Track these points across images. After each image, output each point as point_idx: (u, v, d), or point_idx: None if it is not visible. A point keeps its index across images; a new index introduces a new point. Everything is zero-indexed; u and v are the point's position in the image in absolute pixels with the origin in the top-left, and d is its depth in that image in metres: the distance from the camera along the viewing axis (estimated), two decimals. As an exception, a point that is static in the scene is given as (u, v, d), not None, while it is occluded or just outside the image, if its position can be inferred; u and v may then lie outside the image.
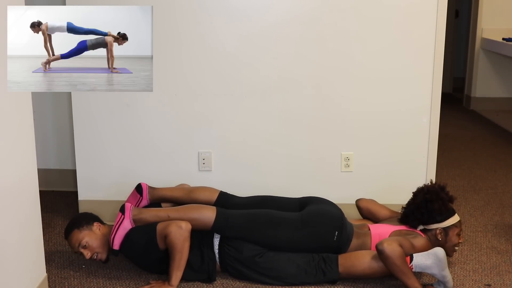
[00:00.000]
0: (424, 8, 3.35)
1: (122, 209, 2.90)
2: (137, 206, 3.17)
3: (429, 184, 3.06)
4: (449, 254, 2.98)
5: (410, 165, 3.53)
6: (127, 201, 3.22)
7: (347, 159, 3.54)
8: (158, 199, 3.22)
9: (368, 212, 3.24)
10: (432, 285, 2.87)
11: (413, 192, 3.06)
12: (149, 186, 3.23)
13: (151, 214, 2.91)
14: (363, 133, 3.51)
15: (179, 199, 3.19)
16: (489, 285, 2.91)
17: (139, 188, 3.21)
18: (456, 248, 3.01)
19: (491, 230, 3.54)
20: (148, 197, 3.20)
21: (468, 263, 3.13)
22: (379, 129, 3.51)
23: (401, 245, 2.75)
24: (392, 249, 2.71)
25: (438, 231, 2.94)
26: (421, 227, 2.99)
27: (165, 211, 2.92)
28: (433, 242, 2.95)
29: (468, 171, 4.57)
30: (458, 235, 2.98)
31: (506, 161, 4.89)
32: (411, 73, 3.44)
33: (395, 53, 3.42)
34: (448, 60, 6.41)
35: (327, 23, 3.39)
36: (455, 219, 2.97)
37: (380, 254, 2.75)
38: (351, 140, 3.53)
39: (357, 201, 3.31)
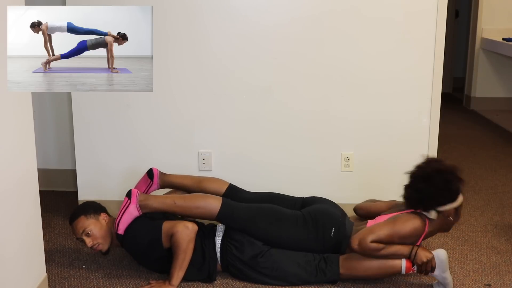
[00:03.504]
0: (424, 8, 3.35)
1: (129, 195, 2.91)
2: (147, 191, 3.19)
3: (436, 163, 2.87)
4: (447, 230, 2.94)
5: (410, 165, 3.52)
6: (137, 184, 3.24)
7: (347, 159, 3.54)
8: (168, 185, 3.24)
9: (366, 212, 3.16)
10: (432, 285, 2.87)
11: (415, 173, 2.85)
12: (160, 172, 3.24)
13: (157, 200, 2.92)
14: (363, 133, 3.52)
15: (188, 187, 3.20)
16: (489, 285, 2.91)
17: (150, 173, 3.22)
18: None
19: (491, 230, 3.54)
20: (158, 182, 3.21)
21: (468, 263, 3.13)
22: (379, 129, 3.51)
23: (375, 239, 2.72)
24: (362, 249, 2.74)
25: (451, 211, 2.79)
26: (434, 212, 2.80)
27: (172, 198, 2.94)
28: (439, 222, 2.82)
29: (468, 171, 4.57)
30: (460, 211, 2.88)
31: (506, 161, 4.88)
32: (411, 73, 3.44)
33: (395, 53, 3.42)
34: (448, 60, 6.41)
35: (327, 23, 3.39)
36: (461, 196, 2.84)
37: (356, 252, 2.79)
38: (351, 140, 3.53)
39: (354, 209, 3.22)
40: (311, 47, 3.42)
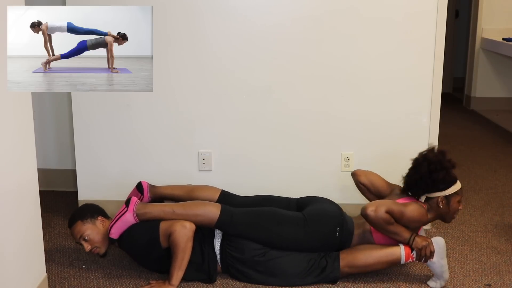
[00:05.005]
0: (424, 8, 3.35)
1: (127, 202, 2.91)
2: None
3: (430, 152, 2.97)
4: (447, 220, 2.98)
5: (410, 165, 3.52)
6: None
7: (347, 159, 3.54)
8: (159, 197, 3.23)
9: (369, 182, 3.18)
10: (427, 284, 2.89)
11: (413, 160, 2.98)
12: (149, 184, 3.23)
13: (156, 209, 2.91)
14: (363, 133, 3.52)
15: (180, 197, 3.19)
16: (489, 285, 2.91)
17: (139, 187, 3.22)
18: (455, 215, 2.98)
19: (491, 230, 3.54)
20: (149, 195, 3.21)
21: (468, 263, 3.13)
22: (379, 129, 3.51)
23: (388, 211, 2.77)
24: (375, 216, 2.76)
25: (440, 199, 2.90)
26: (424, 196, 2.95)
27: (171, 206, 2.92)
28: (434, 210, 2.92)
29: (468, 171, 4.57)
30: (459, 202, 2.94)
31: (506, 161, 4.89)
32: (411, 73, 3.44)
33: (395, 53, 3.42)
34: (448, 60, 6.41)
35: (327, 23, 3.39)
36: (457, 186, 2.92)
37: (365, 218, 2.81)
38: (351, 140, 3.53)
39: (353, 174, 3.25)
40: (312, 47, 3.43)
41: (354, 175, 3.25)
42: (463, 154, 5.05)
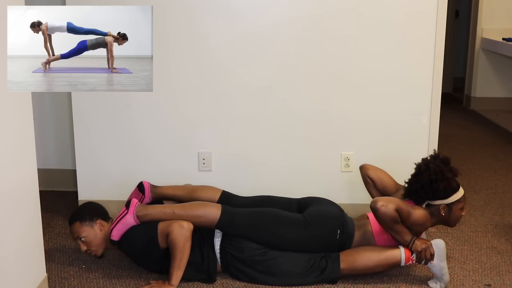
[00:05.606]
0: (424, 8, 3.35)
1: (128, 204, 2.91)
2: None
3: (433, 160, 2.94)
4: (451, 225, 2.97)
5: (410, 165, 3.52)
6: (129, 198, 3.22)
7: (347, 159, 3.54)
8: (160, 197, 3.22)
9: (377, 178, 3.17)
10: (427, 284, 2.88)
11: (416, 166, 2.95)
12: (151, 185, 3.23)
13: (156, 210, 2.91)
14: (363, 133, 3.52)
15: (181, 197, 3.19)
16: (489, 285, 2.91)
17: (141, 187, 3.22)
18: (459, 220, 2.96)
19: (491, 230, 3.54)
20: (150, 195, 3.21)
21: (468, 263, 3.13)
22: (379, 129, 3.51)
23: (397, 209, 2.76)
24: (383, 212, 2.74)
25: (441, 207, 2.87)
26: (425, 203, 2.92)
27: (171, 207, 2.92)
28: (436, 216, 2.90)
29: (468, 171, 4.57)
30: (461, 209, 2.92)
31: (506, 161, 4.88)
32: (411, 73, 3.44)
33: (395, 53, 3.42)
34: (448, 60, 6.41)
35: (327, 23, 3.40)
36: (459, 194, 2.90)
37: (373, 211, 2.79)
38: (351, 140, 3.53)
39: (362, 167, 3.23)
40: (312, 47, 3.43)
41: (363, 168, 3.22)
42: (463, 154, 5.05)
